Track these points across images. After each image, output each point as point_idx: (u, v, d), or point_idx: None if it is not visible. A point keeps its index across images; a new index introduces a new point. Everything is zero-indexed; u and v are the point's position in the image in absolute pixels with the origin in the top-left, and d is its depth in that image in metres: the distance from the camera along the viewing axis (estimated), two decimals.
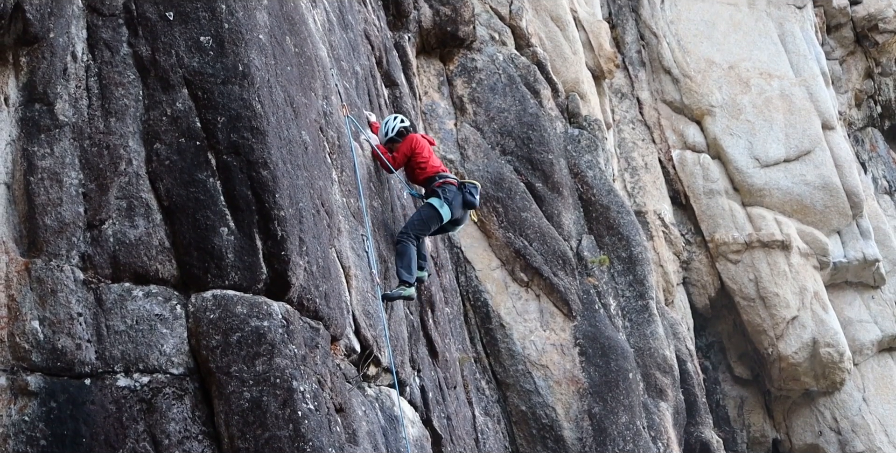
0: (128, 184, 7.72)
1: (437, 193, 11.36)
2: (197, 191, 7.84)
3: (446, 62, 17.72)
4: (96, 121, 7.78)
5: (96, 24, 8.06)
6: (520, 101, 17.49)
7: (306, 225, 8.41)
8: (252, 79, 8.26)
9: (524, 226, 16.10)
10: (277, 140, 8.34)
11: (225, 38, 8.27)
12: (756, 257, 23.69)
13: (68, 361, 7.23)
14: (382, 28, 15.20)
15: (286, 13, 9.74)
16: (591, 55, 22.04)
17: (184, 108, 8.01)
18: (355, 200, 10.61)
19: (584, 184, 17.82)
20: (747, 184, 24.42)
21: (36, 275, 7.29)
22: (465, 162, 16.44)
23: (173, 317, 7.61)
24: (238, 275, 7.82)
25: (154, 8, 8.21)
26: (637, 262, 17.66)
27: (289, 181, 8.29)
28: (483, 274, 15.94)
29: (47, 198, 7.43)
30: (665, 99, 25.64)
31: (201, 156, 7.92)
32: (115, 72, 7.99)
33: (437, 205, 11.28)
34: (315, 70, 10.30)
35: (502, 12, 18.95)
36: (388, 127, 11.80)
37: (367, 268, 10.28)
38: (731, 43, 26.25)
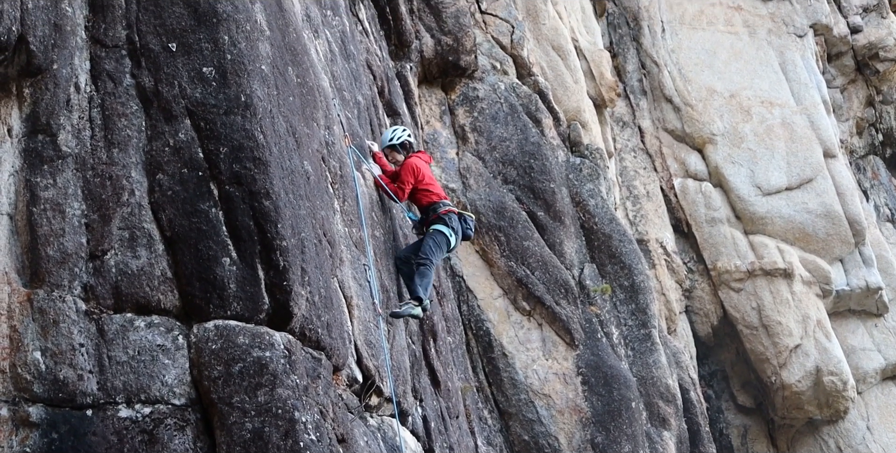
0: (130, 214, 7.73)
1: (442, 221, 11.50)
2: (199, 221, 7.85)
3: (448, 91, 17.79)
4: (99, 152, 7.80)
5: (99, 56, 8.10)
6: (521, 129, 17.53)
7: (308, 255, 8.42)
8: (254, 109, 8.28)
9: (526, 255, 16.10)
10: (280, 170, 8.35)
11: (227, 68, 8.31)
12: (758, 285, 23.65)
13: (70, 392, 7.22)
14: (384, 58, 15.27)
15: (288, 44, 9.79)
16: (593, 84, 22.10)
17: (186, 139, 8.04)
18: (357, 230, 10.62)
19: (586, 213, 17.82)
20: (749, 212, 24.41)
21: (38, 306, 7.29)
22: (467, 191, 16.47)
23: (175, 347, 7.60)
24: (240, 305, 7.81)
25: (157, 39, 8.26)
26: (639, 291, 17.64)
27: (291, 211, 8.30)
28: (485, 303, 15.93)
29: (50, 229, 7.44)
30: (667, 127, 25.69)
31: (203, 186, 7.94)
32: (117, 103, 8.01)
33: (448, 233, 11.51)
34: (317, 100, 10.34)
35: (504, 42, 19.03)
36: (395, 135, 12.03)
37: (369, 297, 10.28)
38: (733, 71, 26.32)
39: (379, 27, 15.77)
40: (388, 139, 12.05)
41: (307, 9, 11.55)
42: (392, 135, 12.05)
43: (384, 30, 16.00)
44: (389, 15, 16.01)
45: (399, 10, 16.17)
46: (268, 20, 9.25)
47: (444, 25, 17.51)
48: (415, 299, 11.07)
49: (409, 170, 11.65)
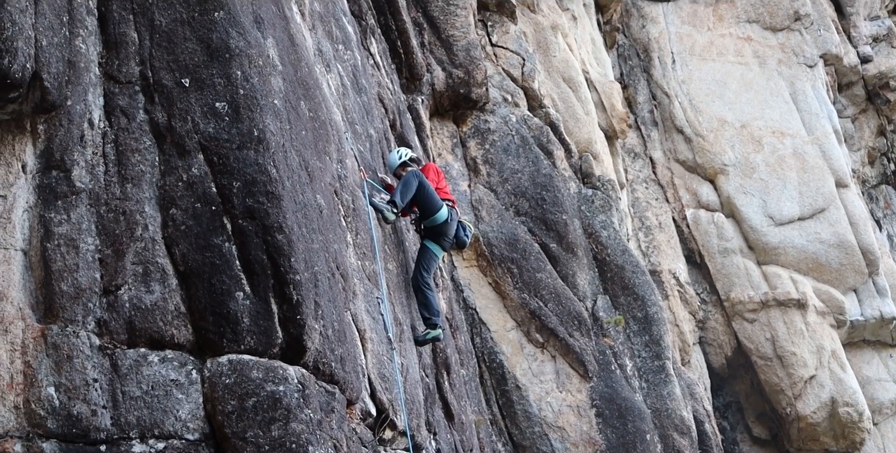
0: (144, 249, 7.74)
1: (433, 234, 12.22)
2: (212, 255, 7.85)
3: (459, 124, 17.84)
4: (113, 188, 7.82)
5: (113, 92, 8.14)
6: (533, 161, 17.55)
7: (322, 288, 8.41)
8: (267, 144, 8.31)
9: (539, 287, 16.08)
10: (292, 204, 8.36)
11: (240, 103, 8.34)
12: (772, 316, 23.56)
13: (84, 428, 7.20)
14: (396, 91, 15.32)
15: (301, 78, 9.83)
16: (604, 115, 22.15)
17: (199, 174, 8.05)
18: (370, 263, 10.63)
19: (598, 244, 17.80)
20: (762, 242, 24.36)
21: (52, 342, 7.28)
22: (479, 223, 16.47)
23: (189, 382, 7.58)
24: (254, 339, 7.80)
25: (170, 75, 8.30)
26: (653, 322, 17.58)
27: (304, 245, 8.30)
28: (498, 335, 15.89)
29: (64, 264, 7.45)
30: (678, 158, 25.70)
31: (217, 221, 7.95)
32: (131, 138, 8.04)
33: (433, 249, 12.23)
34: (329, 134, 10.37)
35: (514, 74, 19.10)
36: (401, 153, 12.69)
37: (383, 331, 10.27)
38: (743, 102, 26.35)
39: (390, 61, 15.84)
40: (398, 158, 12.65)
41: (319, 43, 11.62)
42: (399, 155, 12.68)
43: (395, 63, 16.07)
44: (401, 48, 16.09)
45: (410, 43, 16.25)
46: (280, 55, 9.30)
47: (455, 58, 17.58)
48: (429, 326, 11.85)
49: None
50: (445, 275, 14.82)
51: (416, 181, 11.88)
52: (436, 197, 12.15)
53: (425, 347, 12.07)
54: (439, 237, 12.26)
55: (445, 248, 12.48)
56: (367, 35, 14.64)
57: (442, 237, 12.28)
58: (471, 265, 16.27)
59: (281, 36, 9.63)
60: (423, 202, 12.00)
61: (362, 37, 14.31)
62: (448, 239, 12.34)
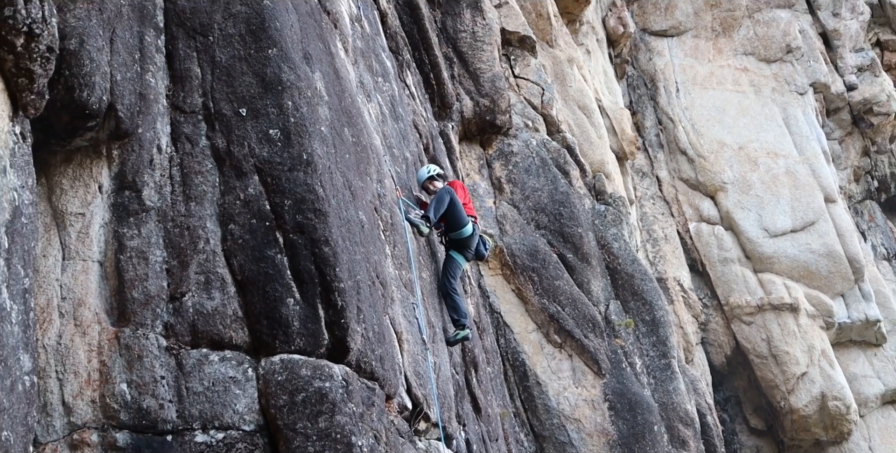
0: (205, 260, 7.76)
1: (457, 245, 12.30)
2: (266, 266, 7.86)
3: (485, 147, 17.84)
4: (178, 206, 7.86)
5: (179, 120, 8.19)
6: (552, 180, 17.53)
7: (363, 295, 8.41)
8: (315, 166, 8.32)
9: (557, 293, 16.04)
10: (337, 220, 8.37)
11: (291, 130, 8.36)
12: (767, 319, 23.40)
13: (152, 419, 7.22)
14: (429, 118, 15.34)
15: (345, 107, 9.86)
16: (615, 139, 22.11)
17: (255, 193, 8.07)
18: (406, 272, 10.62)
19: (610, 255, 17.75)
20: (758, 252, 24.22)
21: (125, 343, 7.31)
22: (503, 236, 16.45)
23: (245, 379, 7.58)
24: (303, 341, 7.80)
25: (229, 105, 8.33)
26: (660, 324, 17.49)
27: (347, 256, 8.30)
28: (521, 336, 15.85)
29: (135, 274, 7.48)
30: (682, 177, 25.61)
31: (270, 235, 7.96)
32: (194, 162, 8.07)
33: (458, 259, 12.31)
34: (370, 157, 10.39)
35: (535, 102, 19.10)
36: (429, 169, 12.76)
37: (418, 333, 10.25)
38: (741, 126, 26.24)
39: (424, 91, 15.87)
40: (427, 173, 12.71)
41: (361, 76, 11.65)
42: (428, 169, 12.75)
43: (429, 93, 16.10)
44: (433, 80, 16.12)
45: (442, 75, 16.28)
46: (326, 87, 9.33)
47: (481, 89, 17.59)
48: (458, 327, 11.87)
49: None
50: (473, 282, 14.80)
51: (448, 197, 11.91)
52: (463, 213, 12.17)
53: (455, 347, 12.05)
54: (463, 249, 12.33)
55: (468, 259, 12.57)
56: (404, 68, 14.68)
57: (465, 249, 12.37)
58: (496, 274, 16.25)
59: (327, 70, 9.66)
60: (451, 217, 12.03)
61: (399, 70, 14.34)
62: (470, 251, 12.42)
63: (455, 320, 11.91)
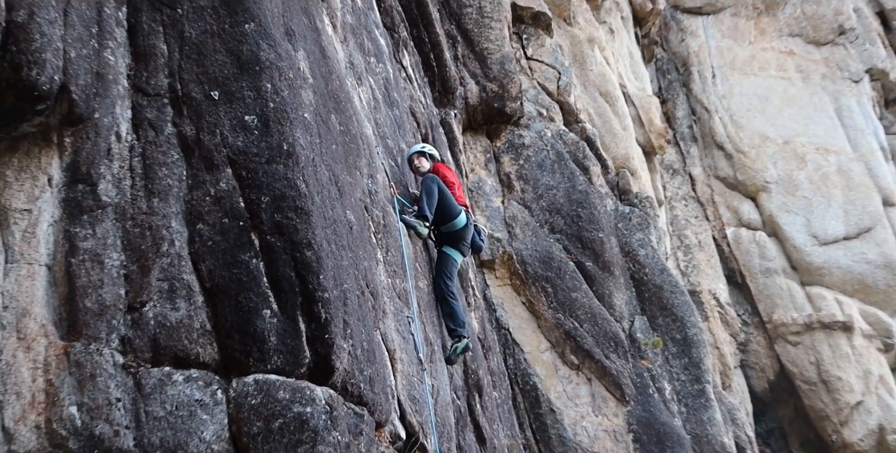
0: (169, 265, 7.75)
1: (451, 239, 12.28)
2: (239, 272, 7.85)
3: (493, 139, 17.83)
4: (139, 202, 7.84)
5: (141, 104, 8.18)
6: (568, 177, 17.52)
7: (351, 307, 8.40)
8: (297, 158, 8.31)
9: (574, 307, 16.02)
10: (322, 220, 8.36)
11: (270, 117, 8.35)
12: (817, 339, 23.38)
13: (106, 448, 7.19)
14: (428, 105, 15.34)
15: (331, 91, 9.85)
16: (642, 131, 22.11)
17: (227, 188, 8.06)
18: (401, 281, 10.61)
19: (635, 263, 17.74)
20: (805, 262, 24.21)
21: (75, 359, 7.29)
22: (512, 240, 16.44)
23: (214, 402, 7.56)
24: (280, 358, 7.78)
25: (199, 87, 8.32)
26: (692, 344, 17.48)
27: (333, 262, 8.29)
28: (532, 356, 15.83)
29: (88, 280, 7.46)
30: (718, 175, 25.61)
31: (244, 236, 7.95)
32: (158, 151, 8.07)
33: (452, 255, 12.28)
34: (360, 148, 10.38)
35: (550, 88, 19.09)
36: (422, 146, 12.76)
37: (413, 351, 10.24)
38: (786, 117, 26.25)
39: (423, 74, 15.86)
40: (419, 148, 12.68)
41: (350, 56, 11.65)
42: (422, 146, 12.77)
43: (428, 76, 16.09)
44: (434, 61, 16.12)
45: (443, 56, 16.28)
46: (311, 68, 9.32)
47: (489, 72, 17.60)
48: (455, 338, 11.80)
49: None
50: (478, 293, 14.78)
51: (436, 187, 11.91)
52: (454, 202, 12.20)
53: (457, 368, 12.03)
54: (457, 242, 12.34)
55: (465, 254, 12.54)
56: (400, 48, 14.68)
57: (460, 242, 12.38)
58: (504, 284, 16.23)
59: (312, 48, 9.66)
60: (440, 208, 12.02)
61: (395, 49, 14.34)
62: (466, 244, 12.43)
63: (451, 330, 11.88)
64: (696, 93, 26.64)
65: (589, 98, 20.34)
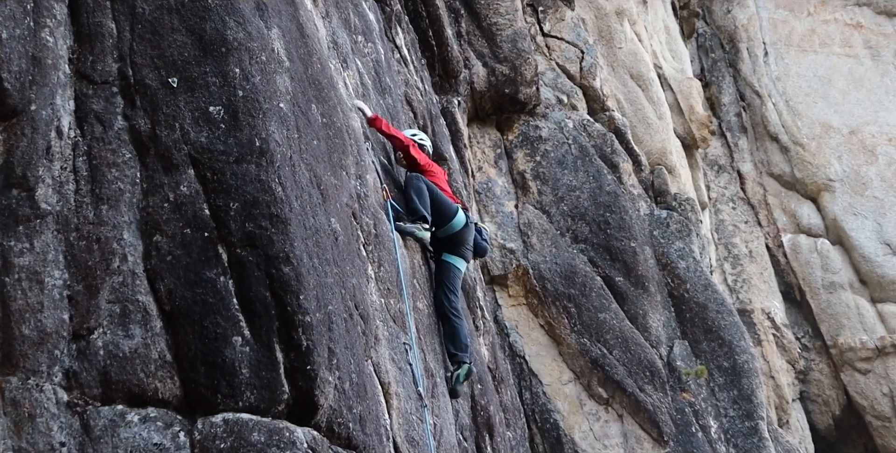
0: (122, 284, 7.76)
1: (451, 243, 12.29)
2: (205, 292, 7.86)
3: (504, 131, 17.87)
4: (85, 210, 7.86)
5: (86, 94, 8.19)
6: (594, 176, 17.55)
7: (337, 332, 8.42)
8: (271, 156, 8.33)
9: (602, 330, 16.04)
10: (302, 229, 8.38)
11: (239, 107, 8.37)
12: (890, 366, 23.40)
13: None
14: (427, 91, 15.37)
15: (312, 77, 9.88)
16: (681, 120, 22.14)
17: (189, 193, 8.08)
18: (396, 301, 10.63)
19: (674, 278, 17.75)
20: (877, 275, 24.23)
21: (10, 397, 7.30)
22: (528, 252, 16.46)
23: (175, 446, 7.58)
24: (254, 394, 7.80)
25: (154, 73, 8.34)
26: (742, 374, 17.48)
27: (316, 279, 8.31)
28: (552, 389, 15.85)
29: (25, 303, 7.47)
30: (772, 172, 25.63)
31: (210, 250, 7.96)
32: (107, 150, 8.07)
33: (454, 263, 12.31)
34: (347, 144, 10.41)
35: (571, 70, 19.13)
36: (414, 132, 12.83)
37: (412, 384, 10.25)
38: (852, 103, 26.29)
39: (420, 54, 15.90)
40: (409, 134, 12.63)
41: (334, 34, 11.68)
42: (413, 132, 12.77)
43: (426, 57, 16.13)
44: (433, 39, 16.15)
45: (444, 33, 16.31)
46: (287, 49, 9.35)
47: (498, 51, 17.64)
48: (456, 364, 11.79)
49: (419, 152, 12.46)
50: (488, 315, 14.81)
51: (423, 184, 11.91)
52: (448, 201, 12.21)
53: (463, 403, 12.05)
54: (458, 247, 12.33)
55: (468, 259, 12.54)
56: (393, 23, 14.72)
57: (461, 246, 12.37)
58: (518, 303, 16.27)
59: (288, 25, 9.69)
60: (434, 209, 12.02)
61: (386, 26, 14.38)
62: (468, 247, 12.41)
63: (451, 355, 11.87)
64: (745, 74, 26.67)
65: (618, 81, 20.38)
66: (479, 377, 12.64)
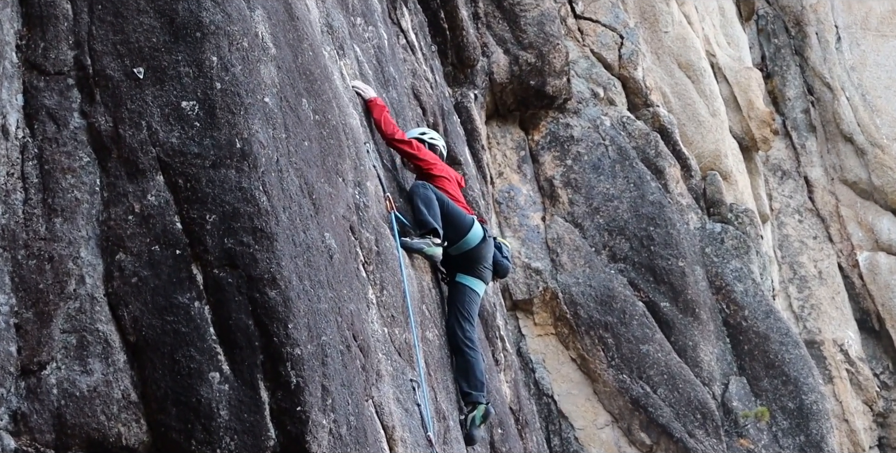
0: (79, 311, 7.77)
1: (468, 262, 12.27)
2: (176, 320, 7.87)
3: (529, 130, 17.90)
4: (35, 223, 7.87)
5: (37, 87, 8.20)
6: (635, 183, 17.57)
7: (332, 368, 8.42)
8: (254, 159, 8.34)
9: (644, 365, 16.05)
10: (290, 246, 8.39)
11: (216, 102, 8.38)
12: None
13: None
14: (438, 83, 15.38)
15: (302, 66, 9.89)
16: (738, 117, 22.16)
17: (158, 203, 8.08)
18: (402, 331, 10.63)
19: (730, 303, 17.76)
20: None
21: None
22: (557, 272, 16.47)
23: None
24: (234, 440, 7.80)
25: (117, 62, 8.34)
26: (811, 416, 17.48)
27: (307, 305, 8.32)
28: (586, 434, 15.86)
29: None
30: (846, 178, 25.63)
31: (183, 270, 7.97)
32: (62, 152, 8.09)
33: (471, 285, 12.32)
34: (343, 145, 10.41)
35: (609, 59, 19.16)
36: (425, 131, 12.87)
37: (420, 428, 10.25)
38: None
39: (430, 40, 15.93)
40: (417, 132, 12.71)
41: (328, 16, 11.70)
42: (422, 130, 12.85)
43: (438, 43, 16.15)
44: (445, 22, 16.18)
45: (458, 14, 16.33)
46: (273, 33, 9.37)
47: (522, 36, 17.68)
48: (470, 405, 11.74)
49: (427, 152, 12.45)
50: (510, 346, 14.80)
51: (432, 193, 11.87)
52: (461, 212, 12.17)
53: (481, 451, 12.04)
54: (475, 266, 12.30)
55: (486, 280, 12.48)
56: (398, 4, 14.75)
57: (479, 265, 12.34)
58: (546, 333, 16.28)
59: (274, 6, 9.71)
60: (445, 221, 11.98)
61: (391, 6, 14.40)
62: (486, 266, 12.37)
63: (465, 394, 11.83)
64: (813, 63, 26.67)
65: (663, 72, 20.41)
66: (498, 420, 12.62)
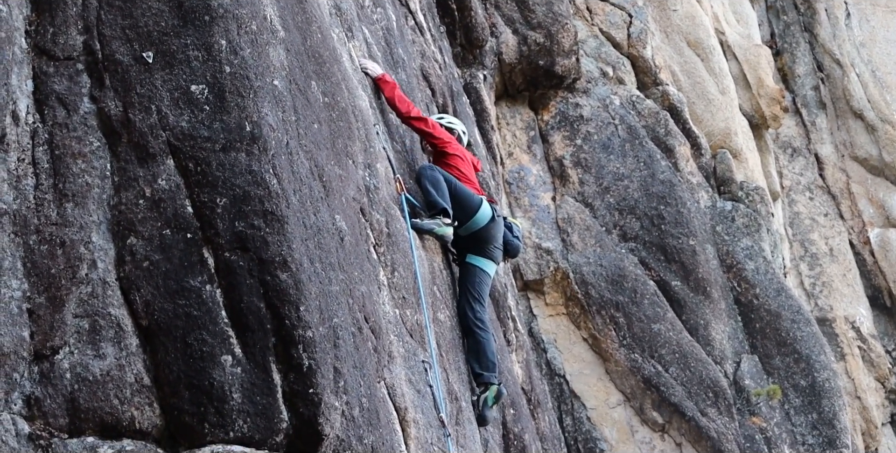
0: (91, 295, 7.77)
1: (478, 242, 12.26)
2: (188, 303, 7.87)
3: (539, 110, 17.88)
4: (46, 208, 7.87)
5: (46, 72, 8.20)
6: (645, 162, 17.55)
7: (344, 349, 8.42)
8: (264, 143, 8.34)
9: (656, 344, 16.04)
10: (301, 229, 8.39)
11: (226, 86, 8.37)
12: None
13: None
14: (447, 64, 15.37)
15: (311, 48, 9.89)
16: (748, 95, 22.12)
17: (169, 187, 8.08)
18: (413, 312, 10.63)
19: (741, 282, 17.74)
20: None
21: None
22: (568, 252, 16.46)
23: None
24: (247, 423, 7.81)
25: (126, 47, 8.33)
26: (823, 394, 17.47)
27: (318, 288, 8.32)
28: (598, 413, 15.86)
29: None
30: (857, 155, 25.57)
31: (194, 254, 7.97)
32: (72, 137, 8.09)
33: (482, 265, 12.29)
34: (353, 127, 10.41)
35: (618, 38, 19.12)
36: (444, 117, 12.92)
37: (432, 409, 10.25)
38: None
39: (439, 21, 15.91)
40: (435, 119, 12.66)
41: None
42: (441, 115, 12.89)
43: (446, 24, 16.14)
44: (453, 3, 16.16)
45: None
46: (282, 16, 9.36)
47: (531, 16, 17.66)
48: (482, 385, 11.80)
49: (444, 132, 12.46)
50: (521, 327, 14.80)
51: (439, 175, 11.85)
52: (469, 192, 12.15)
53: (493, 431, 12.06)
54: (485, 246, 12.30)
55: (497, 260, 12.50)
56: None
57: (489, 245, 12.33)
58: (557, 313, 16.27)
59: None
60: (454, 202, 11.95)
61: None
62: (497, 245, 12.37)
63: (476, 374, 11.85)
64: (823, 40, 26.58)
65: (673, 50, 20.37)
66: (511, 400, 12.62)
